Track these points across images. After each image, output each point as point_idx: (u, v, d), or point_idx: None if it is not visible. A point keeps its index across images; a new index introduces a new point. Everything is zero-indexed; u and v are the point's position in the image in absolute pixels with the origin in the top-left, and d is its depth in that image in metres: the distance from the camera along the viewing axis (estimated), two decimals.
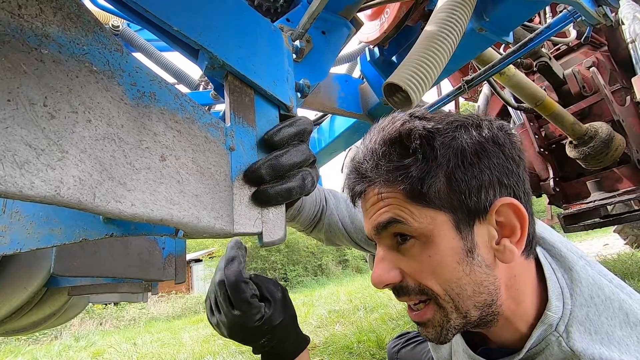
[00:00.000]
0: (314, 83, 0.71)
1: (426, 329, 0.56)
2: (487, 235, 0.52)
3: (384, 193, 0.53)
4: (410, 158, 0.51)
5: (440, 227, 0.51)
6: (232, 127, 0.48)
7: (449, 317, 0.53)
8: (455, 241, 0.51)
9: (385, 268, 0.55)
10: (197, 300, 12.66)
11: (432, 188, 0.50)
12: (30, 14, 0.32)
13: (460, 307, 0.52)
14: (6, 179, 0.27)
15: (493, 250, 0.52)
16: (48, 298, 1.52)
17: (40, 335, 7.52)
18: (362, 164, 0.56)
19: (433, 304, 0.54)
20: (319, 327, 3.15)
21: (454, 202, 0.51)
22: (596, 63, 2.23)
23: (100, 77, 0.36)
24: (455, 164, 0.50)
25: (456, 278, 0.51)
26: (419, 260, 0.52)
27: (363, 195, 0.58)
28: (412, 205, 0.51)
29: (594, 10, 0.87)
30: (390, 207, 0.53)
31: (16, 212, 0.51)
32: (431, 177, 0.50)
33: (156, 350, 3.81)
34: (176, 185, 0.39)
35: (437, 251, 0.51)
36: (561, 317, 0.52)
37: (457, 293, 0.51)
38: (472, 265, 0.51)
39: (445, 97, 1.45)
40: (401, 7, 1.08)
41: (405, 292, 0.55)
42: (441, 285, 0.52)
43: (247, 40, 0.52)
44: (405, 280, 0.54)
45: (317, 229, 0.94)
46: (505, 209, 0.51)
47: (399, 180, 0.51)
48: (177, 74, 1.67)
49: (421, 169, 0.50)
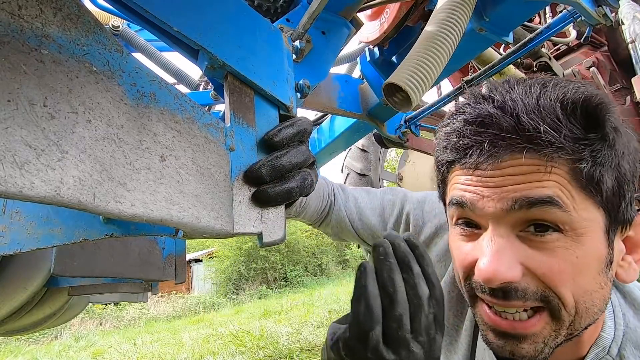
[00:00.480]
0: (314, 83, 0.71)
1: (520, 343, 0.44)
2: (617, 249, 0.45)
3: (551, 165, 0.41)
4: (595, 134, 0.41)
5: (593, 227, 0.42)
6: (232, 128, 0.48)
7: (559, 332, 0.43)
8: (603, 248, 0.42)
9: (507, 261, 0.42)
10: (197, 300, 12.67)
11: (606, 178, 0.41)
12: (30, 15, 0.32)
13: (577, 323, 0.43)
14: (6, 179, 0.27)
15: (617, 266, 0.45)
16: (48, 298, 1.52)
17: (40, 335, 7.52)
18: (523, 116, 0.41)
19: (546, 315, 0.43)
20: (319, 327, 3.15)
21: (615, 202, 0.42)
22: (596, 63, 2.23)
23: (100, 78, 0.36)
24: (626, 158, 0.42)
25: (593, 290, 0.42)
26: (563, 259, 0.41)
27: (495, 156, 0.42)
28: (577, 191, 0.41)
29: (594, 10, 0.87)
30: (550, 184, 0.41)
31: (16, 212, 0.51)
32: (609, 165, 0.41)
33: (156, 350, 3.81)
34: (176, 185, 0.39)
35: (585, 254, 0.41)
36: (613, 338, 0.48)
37: (587, 307, 0.42)
38: (607, 278, 0.43)
39: (445, 97, 1.45)
40: (401, 7, 1.08)
41: (520, 296, 0.42)
42: (574, 296, 0.42)
43: (247, 40, 0.52)
44: (525, 280, 0.43)
45: (325, 223, 0.91)
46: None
47: (576, 155, 0.40)
48: (177, 74, 1.67)
49: (604, 151, 0.40)
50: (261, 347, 3.26)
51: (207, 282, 16.06)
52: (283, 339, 3.43)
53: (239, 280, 14.83)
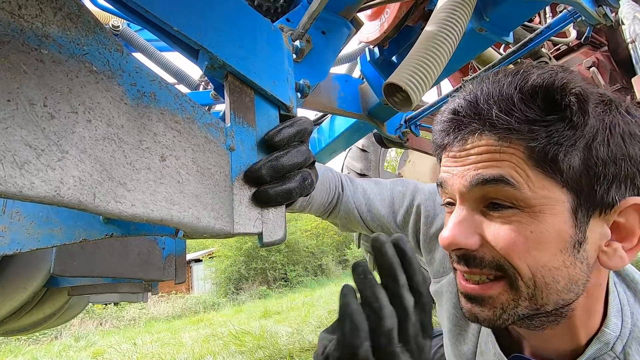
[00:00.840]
0: (314, 83, 0.71)
1: (481, 306, 0.48)
2: (599, 233, 0.45)
3: (503, 146, 0.44)
4: (555, 115, 0.42)
5: (554, 205, 0.43)
6: (232, 128, 0.48)
7: (519, 302, 0.46)
8: (567, 227, 0.44)
9: (464, 231, 0.47)
10: (197, 300, 12.67)
11: (567, 158, 0.42)
12: (30, 14, 0.32)
13: (539, 297, 0.45)
14: (6, 179, 0.27)
15: (599, 251, 0.46)
16: (48, 298, 1.52)
17: (40, 335, 7.52)
18: (482, 104, 0.46)
19: (504, 283, 0.47)
20: (319, 327, 3.15)
21: (583, 183, 0.43)
22: (596, 63, 2.23)
23: (100, 78, 0.36)
24: (602, 139, 0.42)
25: (553, 266, 0.44)
26: (515, 232, 0.44)
27: (462, 138, 0.48)
28: (533, 169, 0.43)
29: (594, 10, 0.87)
30: (504, 164, 0.44)
31: (16, 212, 0.51)
32: (570, 144, 0.42)
33: (156, 350, 3.81)
34: (176, 185, 0.39)
35: (542, 230, 0.43)
36: (619, 336, 0.48)
37: (547, 282, 0.44)
38: (574, 258, 0.44)
39: (445, 97, 1.45)
40: (401, 7, 1.08)
41: (477, 264, 0.47)
42: (531, 268, 0.44)
43: (247, 40, 0.52)
44: (482, 250, 0.47)
45: (333, 215, 0.90)
46: (632, 211, 0.44)
47: (529, 135, 0.43)
48: (177, 74, 1.67)
49: (562, 132, 0.42)
50: (261, 347, 3.26)
51: (207, 282, 16.05)
52: (283, 339, 3.43)
53: (239, 280, 14.82)
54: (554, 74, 0.43)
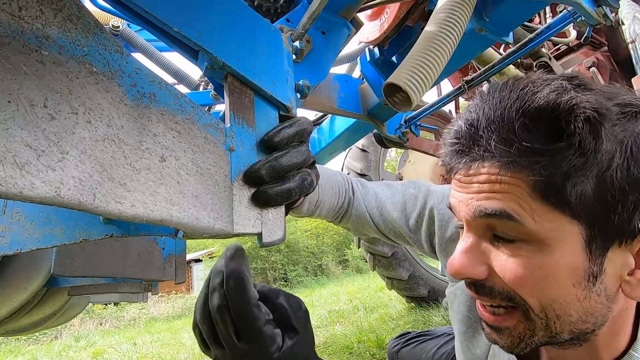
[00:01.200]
0: (314, 84, 0.71)
1: (499, 335, 0.47)
2: (620, 264, 0.41)
3: (504, 177, 0.41)
4: (562, 143, 0.38)
5: (564, 238, 0.40)
6: (232, 128, 0.48)
7: (534, 332, 0.44)
8: (579, 260, 0.40)
9: (472, 261, 0.45)
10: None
11: (576, 189, 0.38)
12: (30, 16, 0.32)
13: (552, 327, 0.43)
14: (7, 179, 0.28)
15: (621, 281, 0.42)
16: (48, 298, 1.52)
17: (40, 335, 7.52)
18: (481, 131, 0.42)
19: (519, 314, 0.45)
20: (319, 327, 3.15)
21: (597, 213, 0.39)
22: (596, 63, 2.23)
23: (100, 78, 0.36)
24: (619, 164, 0.38)
25: (564, 300, 0.41)
26: (523, 266, 0.42)
27: (465, 164, 0.45)
28: (537, 202, 0.40)
29: (594, 10, 0.87)
30: (506, 196, 0.41)
31: (16, 213, 0.51)
32: (580, 174, 0.38)
33: (156, 350, 3.81)
34: (176, 185, 0.39)
35: (550, 264, 0.40)
36: None
37: (558, 315, 0.42)
38: (589, 292, 0.41)
39: (445, 97, 1.45)
40: (401, 7, 1.08)
41: (487, 293, 0.46)
42: (540, 302, 0.42)
43: (246, 40, 0.52)
44: (492, 280, 0.45)
45: (345, 219, 0.88)
46: None
47: (532, 167, 0.39)
48: (177, 74, 1.67)
49: (570, 160, 0.38)
50: None
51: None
52: None
53: None
54: (560, 94, 0.39)
